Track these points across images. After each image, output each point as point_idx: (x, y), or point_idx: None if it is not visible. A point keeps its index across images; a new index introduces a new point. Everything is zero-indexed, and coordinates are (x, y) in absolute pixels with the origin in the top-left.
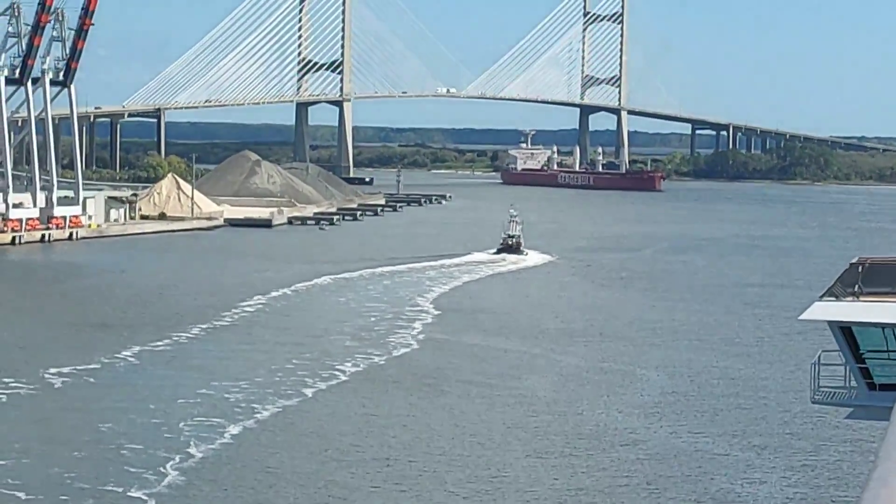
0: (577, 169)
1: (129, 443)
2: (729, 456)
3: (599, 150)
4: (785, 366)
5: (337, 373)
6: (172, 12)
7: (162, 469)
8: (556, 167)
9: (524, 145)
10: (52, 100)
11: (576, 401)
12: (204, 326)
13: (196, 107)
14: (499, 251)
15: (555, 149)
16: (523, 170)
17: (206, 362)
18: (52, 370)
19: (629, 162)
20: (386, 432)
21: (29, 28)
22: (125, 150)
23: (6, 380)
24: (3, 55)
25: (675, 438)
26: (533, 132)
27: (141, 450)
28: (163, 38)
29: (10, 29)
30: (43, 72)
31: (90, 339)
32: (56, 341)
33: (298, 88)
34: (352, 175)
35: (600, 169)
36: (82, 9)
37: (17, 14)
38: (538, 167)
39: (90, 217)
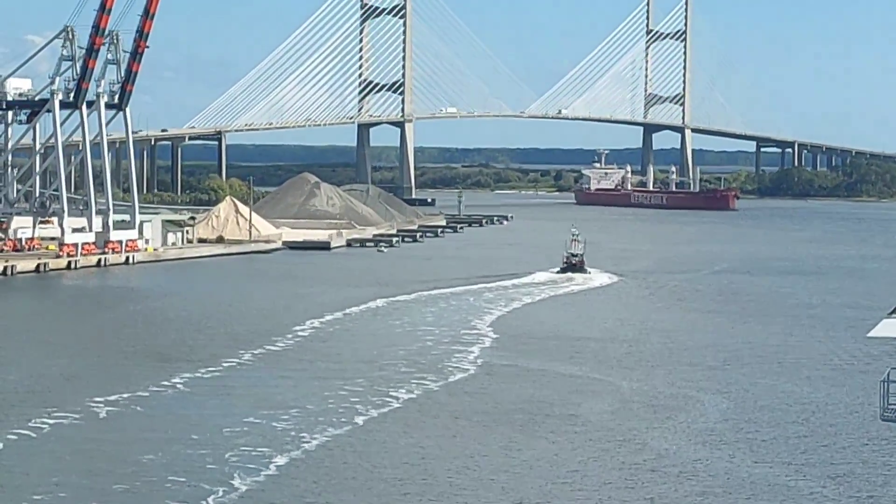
0: (650, 188)
1: (172, 475)
2: (794, 486)
3: (672, 169)
4: (854, 385)
5: (389, 400)
6: (238, 35)
7: (203, 503)
8: (629, 186)
9: (597, 165)
10: (107, 123)
11: (636, 428)
12: (255, 352)
13: (256, 129)
14: (562, 270)
15: (628, 168)
16: (597, 190)
17: (256, 389)
18: (98, 399)
19: (700, 181)
20: (437, 464)
21: (83, 51)
22: (187, 173)
23: (49, 409)
24: (58, 79)
25: (737, 468)
26: (606, 151)
27: (183, 482)
28: (228, 61)
29: (65, 52)
30: (98, 95)
31: (139, 366)
32: (104, 368)
33: (360, 109)
34: (413, 196)
35: (673, 188)
36: (137, 31)
37: (71, 37)
38: (612, 187)
39: (147, 241)
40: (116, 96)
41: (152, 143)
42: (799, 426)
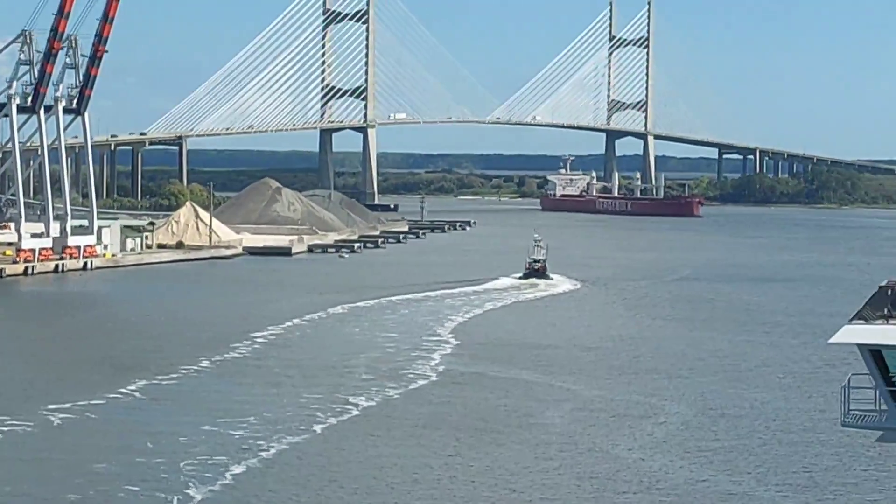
0: (615, 195)
1: (126, 483)
2: (755, 494)
3: (637, 175)
4: (815, 392)
5: (349, 407)
6: (201, 40)
7: None
8: (594, 193)
9: (563, 171)
10: (65, 128)
11: (597, 436)
12: (213, 359)
13: (217, 134)
14: (525, 276)
15: (593, 174)
16: (562, 196)
17: (213, 397)
18: (52, 406)
19: (665, 187)
20: (394, 473)
21: (41, 55)
22: (148, 178)
23: (2, 417)
24: (16, 83)
25: (698, 476)
26: (571, 158)
27: (137, 491)
28: (191, 66)
29: (22, 56)
30: (56, 100)
31: (95, 374)
32: (59, 375)
33: (322, 115)
34: (376, 202)
35: (638, 194)
36: (96, 35)
37: (29, 41)
38: (577, 193)
39: (105, 246)
40: (75, 101)
41: (112, 147)
42: (760, 434)
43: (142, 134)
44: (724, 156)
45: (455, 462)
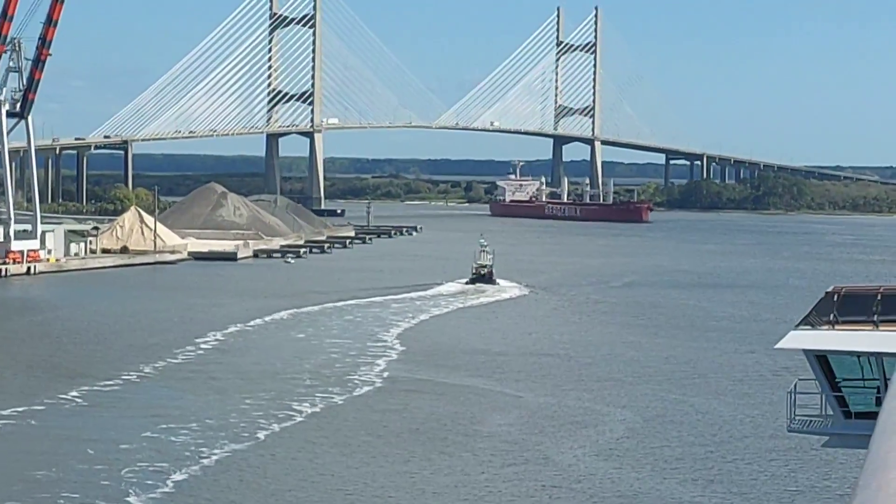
0: (564, 200)
1: (64, 491)
2: (700, 502)
3: (586, 181)
4: (761, 397)
5: (292, 414)
6: (148, 43)
7: None
8: (543, 198)
9: (512, 176)
10: (9, 132)
11: (542, 444)
12: (156, 365)
13: (163, 138)
14: (471, 281)
15: (543, 180)
16: (511, 201)
17: (155, 403)
18: None
19: (613, 193)
20: (336, 481)
21: None
22: (94, 183)
23: None
24: None
25: (643, 484)
26: (521, 163)
27: (77, 499)
28: (138, 69)
29: None
30: None
31: (36, 379)
32: (0, 381)
33: (269, 119)
34: (323, 207)
35: (588, 200)
36: (40, 39)
37: None
38: (526, 198)
39: (49, 251)
40: (18, 104)
41: (57, 151)
42: (706, 440)
43: (77, 139)
44: (671, 161)
45: (398, 470)
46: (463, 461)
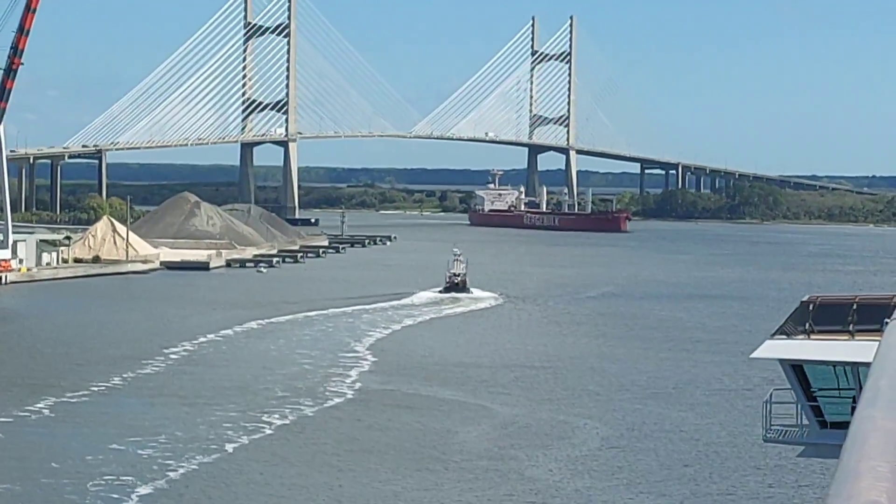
0: (543, 209)
1: None
2: None
3: (565, 190)
4: (737, 408)
5: (262, 426)
6: (123, 52)
7: None
8: (522, 208)
9: (491, 186)
10: None
11: (515, 457)
12: (124, 376)
13: (137, 147)
14: (445, 290)
15: (522, 189)
16: (490, 211)
17: (123, 415)
18: None
19: (591, 202)
20: (304, 495)
21: None
22: (68, 192)
23: None
24: None
25: (617, 499)
26: (500, 172)
27: None
28: (113, 79)
29: None
30: None
31: (4, 391)
32: None
33: (243, 129)
34: (297, 216)
35: (566, 210)
36: (11, 48)
37: None
38: (505, 208)
39: (21, 261)
40: None
41: (31, 161)
42: (682, 452)
43: (49, 148)
44: (646, 171)
45: (369, 485)
46: (435, 475)
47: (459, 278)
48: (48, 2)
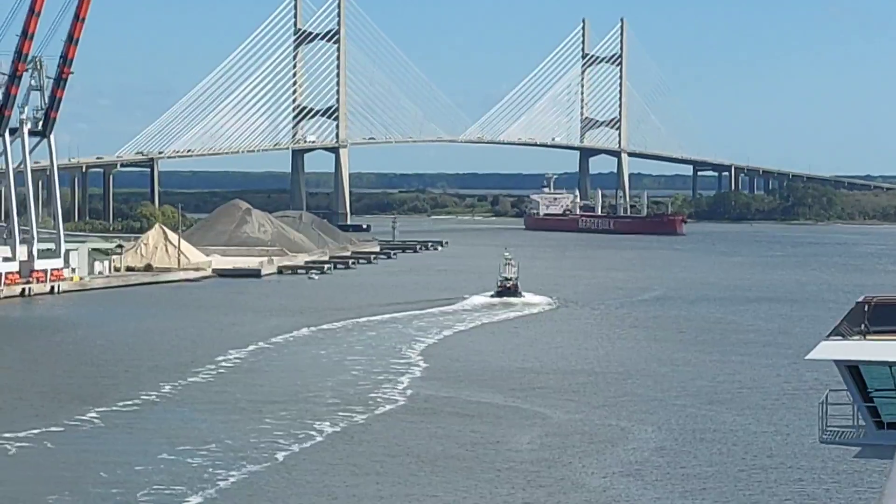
0: (598, 213)
1: None
2: None
3: (620, 194)
4: (793, 409)
5: (313, 434)
6: (175, 61)
7: None
8: (578, 212)
9: (546, 190)
10: (31, 150)
11: (566, 465)
12: (175, 384)
13: (189, 155)
14: (497, 294)
15: (577, 193)
16: (545, 215)
17: (173, 424)
18: (8, 434)
19: (647, 205)
20: (354, 502)
21: (5, 77)
22: (121, 201)
23: None
24: None
25: None
26: (554, 176)
27: None
28: (165, 87)
29: None
30: (21, 122)
31: (55, 400)
32: (18, 402)
33: (294, 135)
34: (349, 222)
35: (622, 213)
36: (61, 57)
37: None
38: (560, 212)
39: (73, 270)
40: (40, 123)
41: (83, 170)
42: (737, 457)
43: (99, 157)
44: (699, 173)
45: (418, 493)
46: (486, 483)
47: (511, 282)
48: (99, 12)
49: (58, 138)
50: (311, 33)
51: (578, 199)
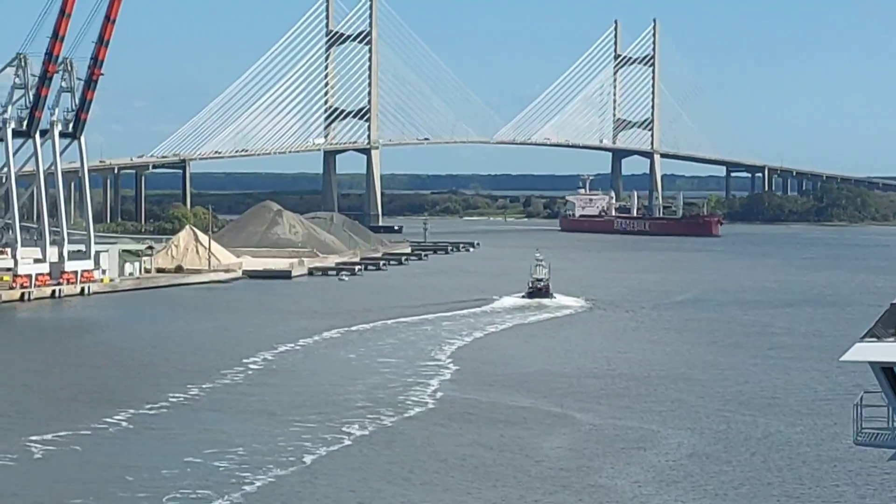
0: (633, 214)
1: None
2: None
3: (655, 194)
4: (827, 411)
5: (341, 437)
6: (208, 62)
7: None
8: (613, 213)
9: (582, 191)
10: (62, 152)
11: (598, 470)
12: (203, 387)
13: (221, 157)
14: (528, 295)
15: (612, 194)
16: (581, 216)
17: (201, 427)
18: (35, 437)
19: (683, 206)
20: None
21: (36, 79)
22: (154, 202)
23: None
24: (10, 107)
25: None
26: (590, 177)
27: None
28: (199, 89)
29: (17, 80)
30: (52, 124)
31: (82, 402)
32: (46, 404)
33: (326, 136)
34: (380, 223)
35: (657, 214)
36: (91, 59)
37: (23, 65)
38: (596, 213)
39: (103, 271)
40: (71, 125)
41: (115, 171)
42: (771, 460)
43: (133, 159)
44: (732, 174)
45: (447, 498)
46: (517, 488)
47: (542, 283)
48: (135, 14)
49: (93, 139)
50: (342, 35)
51: (614, 201)
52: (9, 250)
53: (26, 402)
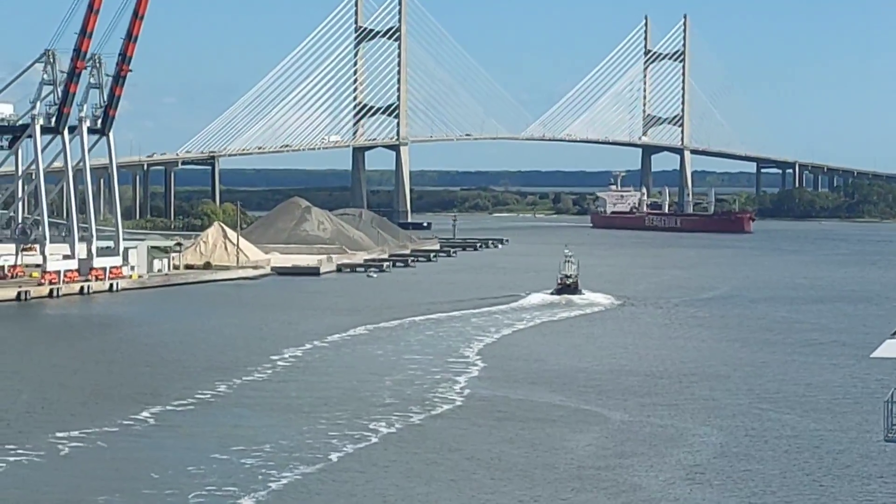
0: (665, 211)
1: None
2: None
3: (688, 191)
4: (857, 408)
5: (368, 434)
6: (239, 58)
7: None
8: (645, 209)
9: (613, 187)
10: (90, 148)
11: (625, 467)
12: (230, 383)
13: (250, 153)
14: (556, 292)
15: (644, 191)
16: (612, 213)
17: (227, 424)
18: (61, 434)
19: (714, 202)
20: None
21: (64, 75)
22: (183, 198)
23: (8, 445)
24: (39, 104)
25: None
26: (622, 174)
27: None
28: (228, 85)
29: (46, 76)
30: (80, 120)
31: (109, 399)
32: (73, 401)
33: (355, 133)
34: (409, 220)
35: (690, 211)
36: (120, 55)
37: (52, 61)
38: (627, 210)
39: (132, 268)
40: (99, 121)
41: (145, 168)
42: (802, 458)
43: (150, 155)
44: (763, 170)
45: (474, 496)
46: (545, 486)
47: (571, 280)
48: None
49: (124, 136)
50: (371, 31)
51: (645, 197)
52: (38, 246)
53: (53, 398)
